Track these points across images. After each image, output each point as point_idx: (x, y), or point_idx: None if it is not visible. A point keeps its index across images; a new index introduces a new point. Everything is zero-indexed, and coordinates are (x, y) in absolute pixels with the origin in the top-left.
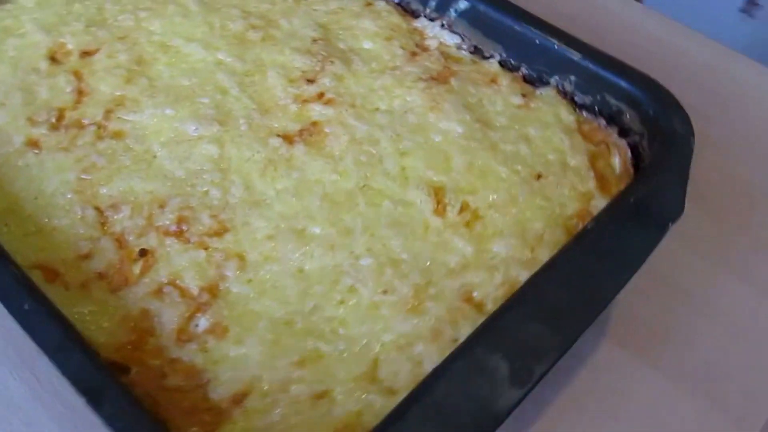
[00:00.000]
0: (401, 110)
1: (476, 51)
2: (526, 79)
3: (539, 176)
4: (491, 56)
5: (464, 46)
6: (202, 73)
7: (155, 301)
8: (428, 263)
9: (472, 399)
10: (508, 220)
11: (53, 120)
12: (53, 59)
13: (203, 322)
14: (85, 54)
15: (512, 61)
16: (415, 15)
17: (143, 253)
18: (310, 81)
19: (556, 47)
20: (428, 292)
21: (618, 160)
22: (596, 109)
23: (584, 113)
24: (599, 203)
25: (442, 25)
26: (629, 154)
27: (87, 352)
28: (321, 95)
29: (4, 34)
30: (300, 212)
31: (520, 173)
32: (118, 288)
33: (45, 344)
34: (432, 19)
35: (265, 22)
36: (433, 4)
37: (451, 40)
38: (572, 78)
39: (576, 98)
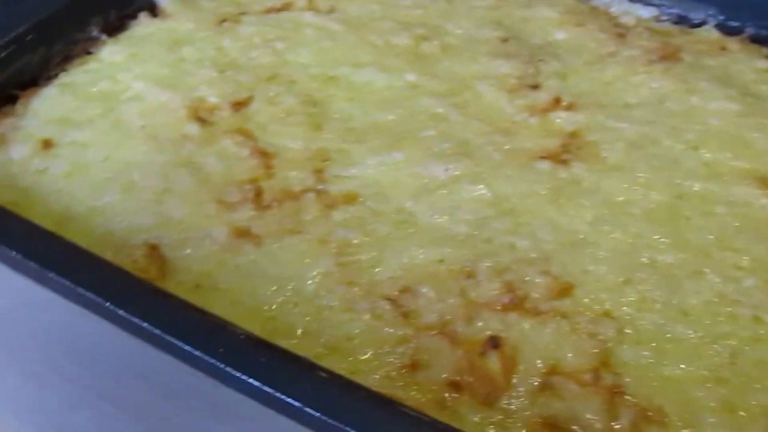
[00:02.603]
0: (655, 99)
1: (680, 20)
2: (752, 40)
3: None
4: (702, 23)
5: (663, 18)
6: (399, 102)
7: (553, 403)
8: None
9: None
10: None
11: (251, 196)
12: (200, 120)
13: (627, 413)
14: (238, 105)
15: (733, 23)
16: None
17: (494, 342)
18: (534, 87)
19: None
20: None
21: None
22: None
23: None
24: None
25: None
26: None
27: None
28: (557, 101)
29: (110, 102)
30: (634, 241)
31: None
32: (491, 398)
33: None
34: None
35: (430, 30)
36: None
37: (647, 13)
38: None
39: None
